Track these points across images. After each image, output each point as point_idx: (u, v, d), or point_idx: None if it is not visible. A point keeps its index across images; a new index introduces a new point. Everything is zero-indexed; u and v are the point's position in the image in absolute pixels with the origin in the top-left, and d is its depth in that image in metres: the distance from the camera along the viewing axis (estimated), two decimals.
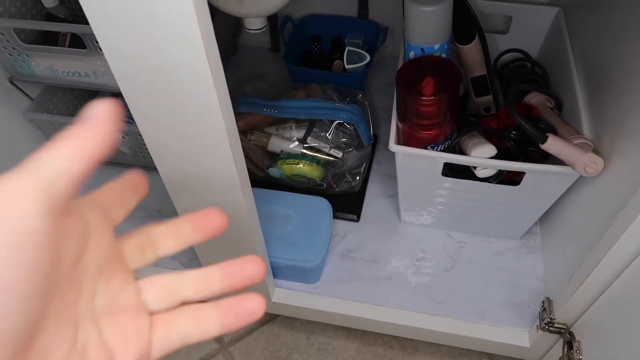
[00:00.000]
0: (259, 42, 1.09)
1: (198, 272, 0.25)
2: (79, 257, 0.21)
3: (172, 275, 0.25)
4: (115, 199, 0.24)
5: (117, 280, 0.23)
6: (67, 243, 0.20)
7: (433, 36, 0.67)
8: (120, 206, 0.25)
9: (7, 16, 0.76)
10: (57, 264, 0.19)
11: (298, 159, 0.80)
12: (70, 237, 0.20)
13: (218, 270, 0.26)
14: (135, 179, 0.26)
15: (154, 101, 0.44)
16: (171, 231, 0.26)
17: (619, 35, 0.61)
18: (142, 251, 0.25)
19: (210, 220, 0.26)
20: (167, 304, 0.25)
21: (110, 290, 0.23)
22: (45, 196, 0.17)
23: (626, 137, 0.54)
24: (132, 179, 0.26)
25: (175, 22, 0.36)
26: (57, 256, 0.19)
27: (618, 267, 0.52)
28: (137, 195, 0.26)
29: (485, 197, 0.70)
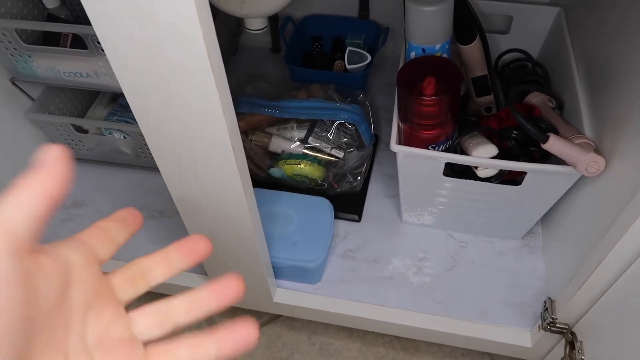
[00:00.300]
0: (260, 42, 1.09)
1: (187, 296, 0.26)
2: (61, 295, 0.21)
3: (162, 302, 0.26)
4: (101, 239, 0.25)
5: (108, 314, 0.24)
6: (45, 282, 0.20)
7: (434, 36, 0.67)
8: (106, 244, 0.25)
9: (8, 17, 0.77)
10: (34, 303, 0.19)
11: (299, 159, 0.80)
12: (48, 276, 0.20)
13: (205, 292, 0.27)
14: (126, 216, 0.27)
15: (155, 101, 0.44)
16: (160, 260, 0.27)
17: (619, 34, 0.61)
18: (133, 283, 0.26)
19: (196, 246, 0.27)
20: (160, 331, 0.25)
21: (101, 325, 0.23)
22: (8, 238, 0.18)
23: (628, 136, 0.54)
24: (123, 216, 0.27)
25: (177, 23, 0.36)
26: (32, 296, 0.19)
27: (620, 266, 0.52)
28: (127, 232, 0.27)
29: (486, 197, 0.70)
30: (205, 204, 0.57)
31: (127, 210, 0.28)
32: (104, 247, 0.25)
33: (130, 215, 0.28)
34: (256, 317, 0.88)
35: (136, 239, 0.87)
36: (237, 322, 0.26)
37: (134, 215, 0.28)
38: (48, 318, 0.20)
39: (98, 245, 0.25)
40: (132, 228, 0.27)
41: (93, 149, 0.89)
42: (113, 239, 0.26)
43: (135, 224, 0.28)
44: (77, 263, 0.23)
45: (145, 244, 0.82)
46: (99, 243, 0.25)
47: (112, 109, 0.92)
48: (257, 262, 0.66)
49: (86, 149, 0.89)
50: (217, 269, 0.72)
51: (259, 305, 0.80)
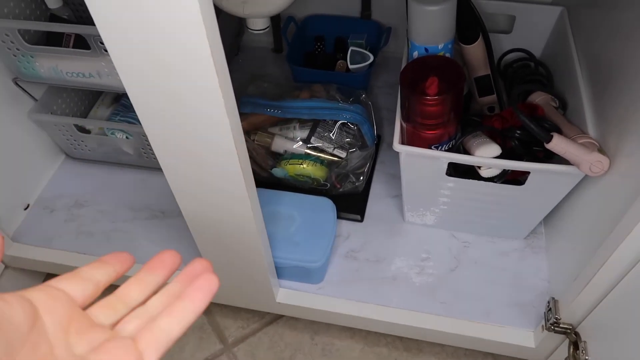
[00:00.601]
0: (262, 42, 1.09)
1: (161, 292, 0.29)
2: (32, 321, 0.23)
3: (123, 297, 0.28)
4: (72, 280, 0.27)
5: (90, 334, 0.26)
6: (12, 311, 0.22)
7: (437, 36, 0.67)
8: (79, 284, 0.27)
9: (11, 17, 0.77)
10: (7, 327, 0.22)
11: (302, 159, 0.80)
12: (13, 308, 0.23)
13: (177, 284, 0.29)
14: (111, 258, 0.29)
15: (159, 101, 0.44)
16: (133, 284, 0.29)
17: (622, 34, 0.61)
18: (114, 309, 0.27)
19: (165, 262, 0.30)
20: (138, 320, 0.27)
21: (85, 341, 0.25)
22: None
23: (632, 136, 0.54)
24: (107, 259, 0.29)
25: (180, 23, 0.36)
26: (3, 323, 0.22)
27: (624, 267, 0.52)
28: (109, 272, 0.29)
29: (489, 197, 0.70)
30: (208, 204, 0.57)
31: (114, 255, 0.30)
32: (76, 286, 0.27)
33: (115, 258, 0.29)
34: (259, 317, 0.88)
35: (139, 240, 0.87)
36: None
37: (121, 258, 0.30)
38: (25, 338, 0.22)
39: (68, 286, 0.26)
40: (116, 269, 0.29)
41: (95, 149, 0.89)
42: (89, 279, 0.27)
43: (123, 268, 0.29)
44: (39, 298, 0.25)
45: (147, 244, 0.82)
46: (70, 284, 0.27)
47: (114, 109, 0.92)
48: (260, 262, 0.66)
49: (89, 149, 0.89)
50: (220, 269, 0.72)
51: (262, 305, 0.80)
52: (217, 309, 0.89)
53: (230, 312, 0.89)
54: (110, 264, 0.29)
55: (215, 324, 0.88)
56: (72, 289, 0.27)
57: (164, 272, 0.29)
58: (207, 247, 0.67)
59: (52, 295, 0.25)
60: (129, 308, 0.28)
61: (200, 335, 0.87)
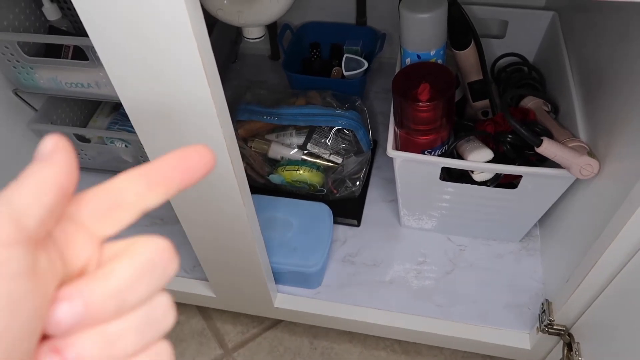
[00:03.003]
0: (259, 50, 1.10)
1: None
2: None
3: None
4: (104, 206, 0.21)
5: None
6: (52, 276, 0.18)
7: (428, 42, 0.68)
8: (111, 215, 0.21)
9: (11, 30, 0.78)
10: (44, 297, 0.18)
11: (298, 165, 0.81)
12: (54, 271, 0.18)
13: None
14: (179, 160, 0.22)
15: (152, 111, 0.45)
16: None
17: (613, 38, 0.62)
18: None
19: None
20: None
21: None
22: (19, 228, 0.17)
23: (621, 139, 0.55)
24: (173, 161, 0.22)
25: (172, 36, 0.37)
26: (42, 291, 0.17)
27: (614, 268, 0.52)
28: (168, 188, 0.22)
29: (483, 201, 0.71)
30: (204, 211, 0.58)
31: (181, 155, 0.22)
32: (106, 222, 0.20)
33: (183, 161, 0.22)
34: (258, 322, 0.89)
35: None
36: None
37: (190, 163, 0.22)
38: None
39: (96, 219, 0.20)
40: (179, 184, 0.22)
41: (95, 158, 0.90)
42: (132, 206, 0.21)
43: (189, 177, 0.22)
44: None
45: None
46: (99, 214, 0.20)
47: (113, 118, 0.93)
48: (258, 267, 0.67)
49: (88, 157, 0.90)
50: (218, 274, 0.73)
51: (260, 311, 0.81)
52: (217, 315, 0.90)
53: (229, 317, 0.89)
54: (174, 181, 0.21)
55: (215, 329, 0.89)
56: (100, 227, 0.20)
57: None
58: (205, 253, 0.67)
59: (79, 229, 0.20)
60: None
61: (200, 340, 0.88)
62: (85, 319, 0.18)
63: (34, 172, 0.19)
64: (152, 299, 0.20)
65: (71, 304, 0.18)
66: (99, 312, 0.18)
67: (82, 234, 0.20)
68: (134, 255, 0.20)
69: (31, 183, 0.18)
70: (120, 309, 0.19)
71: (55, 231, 0.19)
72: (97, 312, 0.18)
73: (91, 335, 0.18)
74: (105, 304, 0.18)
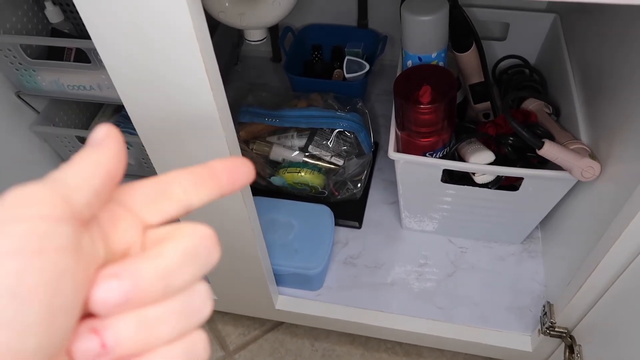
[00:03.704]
0: (261, 52, 1.11)
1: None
2: None
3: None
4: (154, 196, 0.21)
5: None
6: (92, 259, 0.18)
7: (430, 45, 0.68)
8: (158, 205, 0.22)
9: (13, 32, 0.78)
10: (86, 276, 0.18)
11: (300, 168, 0.81)
12: (94, 255, 0.19)
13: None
14: (221, 170, 0.23)
15: (154, 114, 0.45)
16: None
17: (615, 40, 0.62)
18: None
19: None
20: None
21: None
22: (66, 205, 0.17)
23: (623, 141, 0.55)
24: (215, 170, 0.23)
25: (174, 39, 0.37)
26: (85, 268, 0.17)
27: (616, 270, 0.52)
28: (209, 191, 0.23)
29: (484, 203, 0.71)
30: (206, 213, 0.58)
31: (228, 163, 0.23)
32: (152, 209, 0.21)
33: (228, 169, 0.23)
34: (260, 324, 0.89)
35: None
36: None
37: (235, 172, 0.23)
38: None
39: (145, 206, 0.21)
40: (221, 189, 0.22)
41: None
42: (177, 199, 0.21)
43: (231, 185, 0.23)
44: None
45: None
46: (148, 203, 0.21)
47: (115, 120, 0.93)
48: (259, 269, 0.67)
49: None
50: (219, 276, 0.73)
51: (261, 313, 0.81)
52: (219, 317, 0.90)
53: (231, 319, 0.90)
54: (215, 184, 0.22)
55: (217, 331, 0.89)
56: (149, 214, 0.21)
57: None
58: None
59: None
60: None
61: None
62: (132, 299, 0.18)
63: (86, 155, 0.19)
64: (192, 286, 0.20)
65: (120, 282, 0.18)
66: (146, 293, 0.18)
67: (128, 218, 0.20)
68: (182, 239, 0.20)
69: (83, 166, 0.19)
70: (165, 292, 0.19)
71: (102, 214, 0.19)
72: (144, 292, 0.18)
73: (130, 318, 0.18)
74: (152, 285, 0.18)
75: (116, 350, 0.18)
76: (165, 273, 0.19)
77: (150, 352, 0.19)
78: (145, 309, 0.18)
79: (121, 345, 0.18)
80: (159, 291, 0.19)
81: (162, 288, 0.19)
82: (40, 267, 0.16)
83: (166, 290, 0.19)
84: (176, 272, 0.19)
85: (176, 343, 0.19)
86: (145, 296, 0.18)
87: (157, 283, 0.18)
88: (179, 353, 0.19)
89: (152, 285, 0.18)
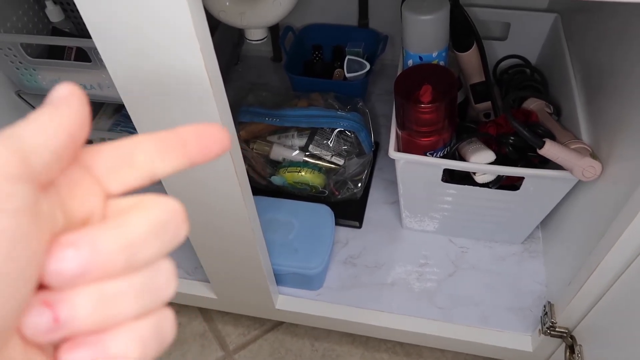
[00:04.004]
0: (261, 51, 1.11)
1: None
2: None
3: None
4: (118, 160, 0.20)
5: None
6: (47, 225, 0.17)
7: (430, 44, 0.68)
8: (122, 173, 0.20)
9: (14, 31, 0.78)
10: (43, 243, 0.16)
11: (300, 167, 0.81)
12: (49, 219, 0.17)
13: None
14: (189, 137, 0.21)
15: (154, 113, 0.45)
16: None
17: (616, 40, 0.62)
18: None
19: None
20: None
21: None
22: (23, 165, 0.16)
23: (624, 141, 0.55)
24: (184, 136, 0.20)
25: (175, 39, 0.37)
26: (42, 235, 0.16)
27: (617, 270, 0.52)
28: (174, 160, 0.21)
29: (485, 203, 0.71)
30: (206, 213, 0.58)
31: (198, 129, 0.20)
32: (114, 177, 0.19)
33: (198, 135, 0.20)
34: (260, 324, 0.89)
35: None
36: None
37: (205, 138, 0.20)
38: None
39: (107, 173, 0.19)
40: (190, 157, 0.20)
41: None
42: (140, 167, 0.19)
43: (201, 153, 0.20)
44: None
45: None
46: (112, 169, 0.19)
47: (115, 119, 0.93)
48: (259, 269, 0.67)
49: None
50: (219, 276, 0.73)
51: (261, 312, 0.81)
52: (218, 316, 0.90)
53: (231, 319, 0.89)
54: (183, 152, 0.20)
55: (217, 331, 0.89)
56: (111, 182, 0.19)
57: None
58: (207, 255, 0.67)
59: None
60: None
61: (201, 342, 0.88)
62: (90, 270, 0.16)
63: (47, 114, 0.17)
64: (157, 263, 0.18)
65: (77, 251, 0.16)
66: (106, 264, 0.17)
67: (88, 184, 0.18)
68: (149, 211, 0.18)
69: (42, 124, 0.17)
70: (127, 266, 0.17)
71: (60, 179, 0.18)
72: (104, 264, 0.17)
73: (87, 292, 0.17)
74: (113, 257, 0.17)
75: (70, 326, 0.16)
76: (128, 245, 0.17)
77: (111, 329, 0.17)
78: (104, 283, 0.17)
79: (76, 321, 0.16)
80: (120, 264, 0.17)
81: (124, 261, 0.17)
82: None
83: (128, 264, 0.17)
84: (141, 245, 0.17)
85: (140, 322, 0.18)
86: (105, 269, 0.17)
87: (118, 255, 0.17)
88: (144, 332, 0.18)
89: (113, 257, 0.17)
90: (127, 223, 0.17)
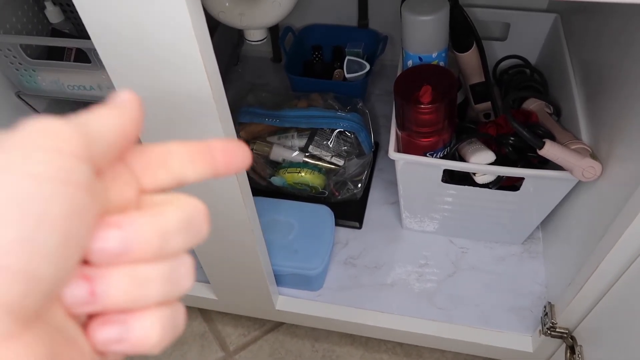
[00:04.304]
0: (261, 52, 1.11)
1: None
2: None
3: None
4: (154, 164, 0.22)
5: None
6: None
7: (430, 45, 0.68)
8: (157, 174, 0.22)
9: (13, 32, 0.78)
10: (95, 218, 0.18)
11: (300, 168, 0.81)
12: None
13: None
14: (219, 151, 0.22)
15: (154, 114, 0.45)
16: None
17: (615, 40, 0.62)
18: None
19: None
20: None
21: None
22: (86, 147, 0.17)
23: (624, 141, 0.55)
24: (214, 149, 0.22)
25: (174, 39, 0.37)
26: (95, 211, 0.18)
27: (617, 270, 0.52)
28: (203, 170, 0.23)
29: (485, 203, 0.71)
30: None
31: (226, 144, 0.22)
32: (150, 175, 0.21)
33: (226, 150, 0.22)
34: (260, 324, 0.89)
35: None
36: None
37: (231, 154, 0.22)
38: None
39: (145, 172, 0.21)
40: (216, 169, 0.22)
41: None
42: (173, 171, 0.21)
43: (226, 166, 0.22)
44: None
45: None
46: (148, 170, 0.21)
47: None
48: (259, 270, 0.67)
49: None
50: (219, 277, 0.73)
51: (261, 313, 0.81)
52: (219, 317, 0.90)
53: (231, 319, 0.89)
54: (212, 164, 0.22)
55: (217, 331, 0.89)
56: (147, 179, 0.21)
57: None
58: (207, 255, 0.67)
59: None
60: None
61: (201, 343, 0.88)
62: (130, 250, 0.18)
63: (108, 111, 0.20)
64: (180, 256, 0.20)
65: (121, 231, 0.18)
66: (143, 247, 0.18)
67: (128, 177, 0.20)
68: (181, 206, 0.20)
69: (104, 118, 0.19)
70: (159, 252, 0.19)
71: (106, 169, 0.20)
72: (142, 247, 0.18)
73: (122, 271, 0.18)
74: (150, 241, 0.18)
75: (104, 301, 0.18)
76: (163, 233, 0.19)
77: (137, 312, 0.19)
78: (137, 266, 0.18)
79: (110, 297, 0.18)
80: (154, 249, 0.19)
81: (157, 247, 0.19)
82: (65, 197, 0.16)
83: (160, 250, 0.19)
84: (173, 235, 0.19)
85: (162, 308, 0.19)
86: (142, 251, 0.18)
87: (154, 241, 0.18)
88: (164, 319, 0.19)
89: (150, 242, 0.18)
90: (163, 214, 0.19)
